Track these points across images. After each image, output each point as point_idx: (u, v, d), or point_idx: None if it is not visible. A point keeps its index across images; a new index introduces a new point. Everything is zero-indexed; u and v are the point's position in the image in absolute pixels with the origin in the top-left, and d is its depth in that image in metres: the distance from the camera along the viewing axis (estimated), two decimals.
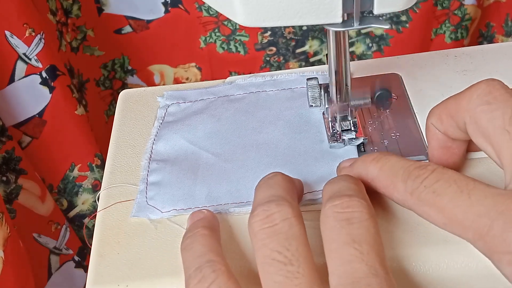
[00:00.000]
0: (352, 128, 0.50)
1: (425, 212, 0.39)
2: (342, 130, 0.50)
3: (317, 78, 0.50)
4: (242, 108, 0.54)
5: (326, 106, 0.51)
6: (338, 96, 0.50)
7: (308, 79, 0.50)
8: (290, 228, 0.39)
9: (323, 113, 0.53)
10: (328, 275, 0.38)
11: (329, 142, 0.50)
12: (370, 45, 0.92)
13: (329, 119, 0.51)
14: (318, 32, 0.91)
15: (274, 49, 0.92)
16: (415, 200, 0.39)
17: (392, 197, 0.41)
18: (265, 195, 0.41)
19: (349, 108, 0.51)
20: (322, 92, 0.50)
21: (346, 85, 0.50)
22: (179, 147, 0.52)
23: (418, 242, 0.43)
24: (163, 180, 0.49)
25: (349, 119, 0.50)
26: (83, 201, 0.86)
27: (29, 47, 0.75)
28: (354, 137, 0.50)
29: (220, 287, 0.38)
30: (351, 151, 0.50)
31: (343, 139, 0.50)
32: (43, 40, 0.75)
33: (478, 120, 0.40)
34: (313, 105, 0.50)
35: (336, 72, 0.49)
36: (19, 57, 0.75)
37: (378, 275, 0.37)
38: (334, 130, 0.51)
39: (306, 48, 0.93)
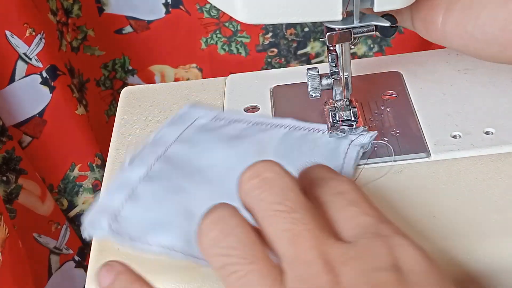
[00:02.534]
0: (352, 118, 0.50)
1: None
2: (342, 120, 0.50)
3: (317, 68, 0.50)
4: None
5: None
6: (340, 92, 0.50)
7: (308, 69, 0.50)
8: (281, 178, 0.38)
9: (324, 103, 0.53)
10: None
11: (329, 132, 0.50)
12: (372, 45, 0.92)
13: (329, 109, 0.51)
14: (320, 33, 0.91)
15: (275, 50, 0.92)
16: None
17: None
18: (252, 166, 0.40)
19: (350, 99, 0.50)
20: (323, 82, 0.50)
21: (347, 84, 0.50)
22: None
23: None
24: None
25: (349, 109, 0.50)
26: (83, 201, 0.85)
27: (29, 47, 0.75)
28: (354, 126, 0.50)
29: None
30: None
31: (343, 129, 0.50)
32: (43, 40, 0.75)
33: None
34: (313, 95, 0.50)
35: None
36: (20, 57, 0.75)
37: (385, 222, 0.38)
38: (334, 120, 0.50)
39: (307, 49, 0.92)
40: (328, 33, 0.46)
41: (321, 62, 0.94)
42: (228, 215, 0.37)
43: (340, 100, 0.50)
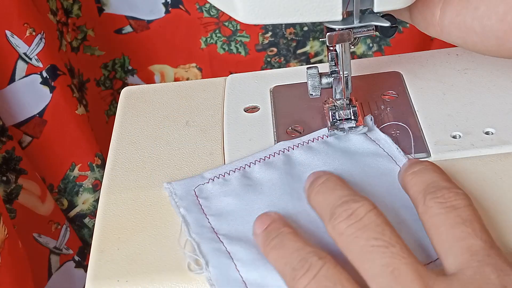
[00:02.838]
0: (352, 117, 0.50)
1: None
2: (342, 119, 0.50)
3: (317, 67, 0.50)
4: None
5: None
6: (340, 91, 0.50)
7: (308, 68, 0.50)
8: (377, 217, 0.39)
9: (324, 102, 0.53)
10: None
11: (329, 131, 0.50)
12: (371, 45, 0.92)
13: (329, 108, 0.51)
14: (319, 33, 0.91)
15: (275, 49, 0.92)
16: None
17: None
18: (333, 198, 0.41)
19: (350, 97, 0.51)
20: (322, 81, 0.50)
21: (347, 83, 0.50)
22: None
23: None
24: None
25: (350, 108, 0.50)
26: (83, 201, 0.85)
27: (29, 46, 0.75)
28: (354, 125, 0.50)
29: (329, 271, 0.37)
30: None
31: (343, 128, 0.50)
32: (43, 40, 0.75)
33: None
34: (313, 94, 0.50)
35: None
36: (20, 57, 0.75)
37: (494, 247, 0.37)
38: (334, 119, 0.50)
39: (307, 48, 0.92)
40: (328, 33, 0.46)
41: (320, 61, 0.94)
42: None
43: (340, 99, 0.50)
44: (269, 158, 0.50)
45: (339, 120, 0.50)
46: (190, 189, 0.48)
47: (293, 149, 0.50)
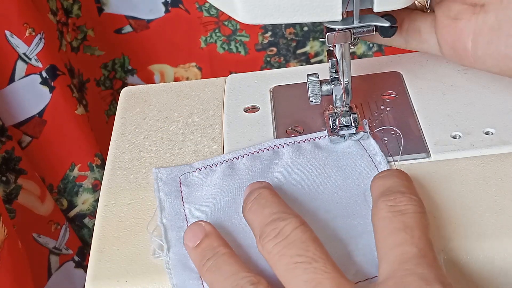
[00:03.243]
0: (353, 124, 0.50)
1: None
2: (342, 126, 0.50)
3: (317, 74, 0.50)
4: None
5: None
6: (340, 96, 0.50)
7: (308, 75, 0.50)
8: (303, 233, 0.39)
9: (324, 109, 0.53)
10: None
11: (329, 137, 0.50)
12: (371, 45, 0.92)
13: (329, 115, 0.51)
14: (319, 33, 0.91)
15: (274, 49, 0.92)
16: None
17: None
18: (263, 216, 0.41)
19: (350, 104, 0.51)
20: (323, 88, 0.50)
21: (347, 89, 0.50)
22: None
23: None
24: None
25: (349, 115, 0.50)
26: (83, 201, 0.85)
27: (29, 46, 0.75)
28: (354, 132, 0.50)
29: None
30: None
31: (343, 135, 0.50)
32: (43, 40, 0.75)
33: None
34: (313, 101, 0.50)
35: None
36: (19, 57, 0.75)
37: (427, 256, 0.37)
38: (334, 125, 0.51)
39: (307, 48, 0.92)
40: (328, 33, 0.46)
41: (320, 61, 0.94)
42: None
43: (340, 106, 0.50)
44: (258, 152, 0.51)
45: (340, 127, 0.50)
46: (176, 176, 0.49)
47: (283, 146, 0.51)
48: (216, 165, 0.50)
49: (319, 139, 0.51)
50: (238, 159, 0.50)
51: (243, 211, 0.44)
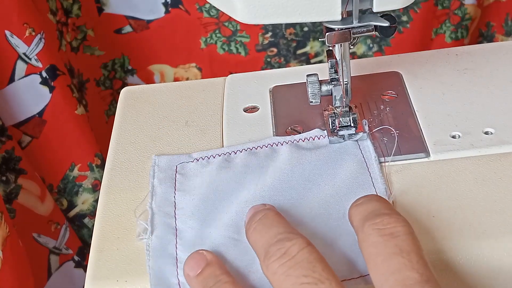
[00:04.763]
0: (352, 124, 0.50)
1: None
2: (342, 126, 0.50)
3: (317, 74, 0.50)
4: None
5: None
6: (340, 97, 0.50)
7: (308, 75, 0.50)
8: (310, 254, 0.39)
9: (324, 109, 0.53)
10: None
11: (328, 137, 0.50)
12: (371, 45, 0.92)
13: (329, 115, 0.51)
14: (319, 33, 0.91)
15: (275, 50, 0.92)
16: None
17: None
18: (268, 236, 0.41)
19: (349, 105, 0.51)
20: (322, 89, 0.50)
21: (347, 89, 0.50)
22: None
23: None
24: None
25: (349, 115, 0.50)
26: (83, 201, 0.85)
27: (29, 46, 0.75)
28: (354, 132, 0.50)
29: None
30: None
31: (343, 135, 0.50)
32: (43, 40, 0.75)
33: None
34: (313, 101, 0.50)
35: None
36: (19, 57, 0.75)
37: (430, 280, 0.36)
38: (334, 126, 0.51)
39: (307, 49, 0.92)
40: (327, 33, 0.46)
41: (320, 61, 0.94)
42: None
43: (340, 106, 0.50)
44: (256, 149, 0.51)
45: (340, 127, 0.50)
46: (173, 164, 0.50)
47: (282, 144, 0.51)
48: (214, 157, 0.51)
49: (318, 138, 0.51)
50: (236, 153, 0.51)
51: (246, 232, 0.43)
